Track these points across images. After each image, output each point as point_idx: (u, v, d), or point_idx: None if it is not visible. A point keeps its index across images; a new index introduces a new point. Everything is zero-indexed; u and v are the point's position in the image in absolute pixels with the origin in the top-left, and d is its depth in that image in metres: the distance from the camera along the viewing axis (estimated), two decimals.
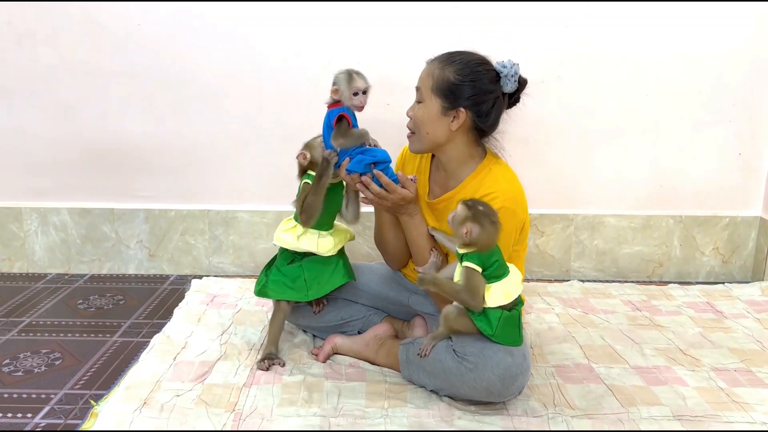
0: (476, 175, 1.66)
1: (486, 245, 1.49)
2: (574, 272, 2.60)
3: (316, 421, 1.49)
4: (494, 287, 1.50)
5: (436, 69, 1.62)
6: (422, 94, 1.64)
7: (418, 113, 1.65)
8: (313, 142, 1.76)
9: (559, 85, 2.42)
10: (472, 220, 1.47)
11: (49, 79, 2.43)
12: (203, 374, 1.70)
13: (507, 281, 1.52)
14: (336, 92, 1.65)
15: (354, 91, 1.64)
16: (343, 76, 1.65)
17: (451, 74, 1.60)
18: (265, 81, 2.43)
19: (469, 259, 1.49)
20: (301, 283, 1.76)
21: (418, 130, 1.66)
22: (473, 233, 1.46)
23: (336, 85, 1.65)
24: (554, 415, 1.54)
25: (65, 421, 1.53)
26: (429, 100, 1.62)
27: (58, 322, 2.11)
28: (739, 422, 1.51)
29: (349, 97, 1.65)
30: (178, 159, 2.51)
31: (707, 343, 1.96)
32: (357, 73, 1.66)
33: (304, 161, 1.74)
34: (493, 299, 1.49)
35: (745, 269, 2.60)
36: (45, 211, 2.54)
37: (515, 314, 1.54)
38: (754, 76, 2.45)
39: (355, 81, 1.64)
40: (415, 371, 1.64)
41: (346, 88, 1.64)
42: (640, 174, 2.54)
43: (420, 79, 1.66)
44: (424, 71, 1.66)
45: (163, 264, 2.59)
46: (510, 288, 1.51)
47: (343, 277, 1.81)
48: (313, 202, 1.69)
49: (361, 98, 1.65)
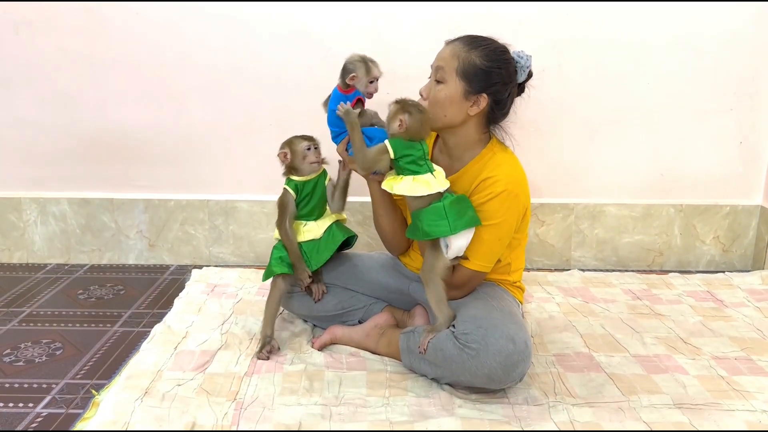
0: (480, 159, 1.67)
1: (416, 131, 1.59)
2: (575, 261, 2.60)
3: (318, 410, 1.49)
4: (406, 179, 1.58)
5: (461, 51, 1.60)
6: (444, 75, 1.62)
7: (438, 94, 1.63)
8: (297, 147, 1.78)
9: (559, 73, 2.41)
10: (402, 110, 1.58)
11: (48, 68, 2.41)
12: (204, 363, 1.70)
13: (420, 178, 1.58)
14: (353, 79, 1.68)
15: (371, 79, 1.70)
16: (361, 65, 1.68)
17: (477, 59, 1.59)
18: (265, 70, 2.41)
19: (391, 141, 1.59)
20: (303, 258, 1.81)
21: (434, 110, 1.64)
22: (406, 122, 1.58)
23: (353, 72, 1.67)
24: (555, 403, 1.54)
25: (67, 411, 1.54)
26: (452, 82, 1.61)
27: (59, 312, 2.11)
28: (739, 410, 1.51)
29: (366, 84, 1.70)
30: (178, 149, 2.50)
31: (707, 331, 1.96)
32: (372, 61, 1.71)
33: (285, 160, 1.79)
34: (399, 188, 1.58)
35: (745, 258, 2.60)
36: (44, 201, 2.54)
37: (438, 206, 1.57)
38: (756, 64, 2.44)
39: (372, 70, 1.70)
40: (415, 360, 1.64)
41: (364, 75, 1.68)
42: (641, 163, 2.53)
43: (441, 58, 1.63)
44: (445, 51, 1.64)
45: (163, 254, 2.59)
46: (419, 185, 1.57)
47: (341, 235, 1.84)
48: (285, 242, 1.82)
49: (375, 85, 1.72)
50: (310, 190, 1.81)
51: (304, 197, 1.81)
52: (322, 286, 1.87)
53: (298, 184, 1.80)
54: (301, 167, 1.80)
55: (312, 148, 1.79)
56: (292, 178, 1.81)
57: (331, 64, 2.36)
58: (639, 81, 2.44)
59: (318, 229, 1.84)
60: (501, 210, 1.59)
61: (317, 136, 1.83)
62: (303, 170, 1.80)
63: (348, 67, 1.69)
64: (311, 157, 1.79)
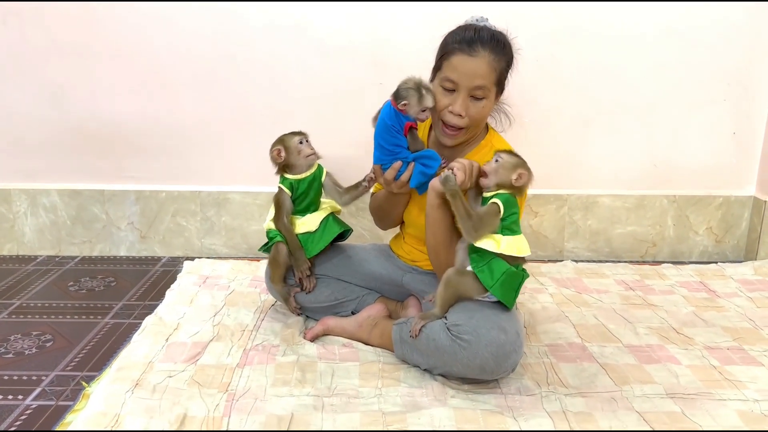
0: (480, 149, 1.69)
1: (522, 192, 1.57)
2: (568, 252, 2.60)
3: (310, 401, 1.49)
4: (507, 239, 1.52)
5: (494, 62, 1.59)
6: (485, 91, 1.60)
7: (484, 110, 1.63)
8: (290, 143, 1.77)
9: (553, 64, 2.40)
10: (523, 166, 1.54)
11: (37, 59, 2.39)
12: (196, 355, 1.69)
13: (519, 239, 1.54)
14: (405, 106, 1.61)
15: (423, 108, 1.63)
16: (414, 93, 1.61)
17: (505, 62, 1.61)
18: (257, 61, 2.39)
19: (500, 197, 1.52)
20: None
21: (477, 125, 1.65)
22: (525, 177, 1.53)
23: (405, 99, 1.61)
24: (547, 394, 1.54)
25: (57, 403, 1.52)
26: (491, 95, 1.62)
27: (49, 304, 2.10)
28: (731, 399, 1.52)
29: (417, 113, 1.63)
30: (169, 140, 2.48)
31: (700, 321, 1.96)
32: (427, 89, 1.62)
33: (279, 158, 1.77)
34: (505, 246, 1.51)
35: (738, 249, 2.61)
36: (34, 192, 2.51)
37: (519, 275, 1.55)
38: (749, 55, 2.43)
39: (425, 100, 1.61)
40: (408, 350, 1.63)
41: (416, 104, 1.62)
42: (635, 153, 2.53)
43: (477, 76, 1.58)
44: (480, 67, 1.58)
45: (155, 246, 2.58)
46: (521, 246, 1.53)
47: (337, 227, 1.84)
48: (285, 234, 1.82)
49: (427, 114, 1.65)
50: (305, 188, 1.80)
51: (300, 195, 1.80)
52: (313, 278, 1.87)
53: (293, 182, 1.79)
54: (297, 163, 1.78)
55: (304, 141, 1.78)
56: (287, 176, 1.80)
57: (325, 55, 2.37)
58: (632, 72, 2.43)
59: (313, 221, 1.83)
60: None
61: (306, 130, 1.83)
62: (300, 166, 1.79)
63: (401, 93, 1.62)
64: (306, 150, 1.78)
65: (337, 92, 2.37)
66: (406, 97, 1.61)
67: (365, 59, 2.33)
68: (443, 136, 1.67)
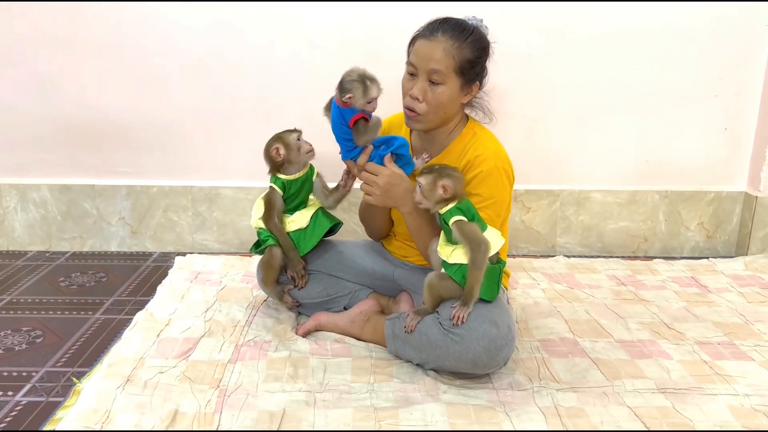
0: (461, 140, 1.68)
1: (461, 193, 1.54)
2: (560, 248, 2.60)
3: (302, 397, 1.48)
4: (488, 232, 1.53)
5: (453, 48, 1.57)
6: (442, 76, 1.58)
7: (441, 97, 1.60)
8: (289, 140, 1.75)
9: (546, 59, 2.40)
10: (439, 176, 1.52)
11: (26, 51, 2.37)
12: (187, 351, 1.69)
13: (488, 232, 1.54)
14: (350, 99, 1.58)
15: (369, 100, 1.60)
16: (359, 87, 1.57)
17: (469, 51, 1.59)
18: (248, 54, 2.38)
19: (453, 213, 1.51)
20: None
21: (435, 112, 1.62)
22: (450, 187, 1.51)
23: (350, 93, 1.57)
24: (539, 389, 1.54)
25: (47, 399, 1.51)
26: (450, 81, 1.59)
27: (40, 299, 2.08)
28: (722, 394, 1.52)
29: (363, 105, 1.60)
30: (160, 134, 2.46)
31: (691, 317, 1.97)
32: (371, 79, 1.59)
33: (279, 156, 1.74)
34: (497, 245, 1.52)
35: (729, 244, 2.61)
36: (24, 187, 2.49)
37: (495, 268, 1.55)
38: (741, 51, 2.44)
39: (370, 91, 1.58)
40: (401, 345, 1.63)
41: (361, 97, 1.59)
42: (627, 149, 2.53)
43: (434, 59, 1.57)
44: (436, 50, 1.57)
45: (146, 241, 2.56)
46: (493, 240, 1.53)
47: (327, 222, 1.84)
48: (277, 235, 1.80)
49: (374, 104, 1.63)
50: (297, 188, 1.79)
51: (291, 195, 1.79)
52: (306, 276, 1.86)
53: (285, 182, 1.78)
54: (296, 160, 1.77)
55: (301, 138, 1.77)
56: (279, 176, 1.78)
57: (317, 48, 2.36)
58: (625, 67, 2.44)
59: (303, 218, 1.82)
60: (495, 187, 1.61)
61: (299, 126, 1.81)
62: (298, 163, 1.77)
63: (345, 87, 1.58)
64: (305, 146, 1.76)
65: (329, 87, 2.35)
66: (350, 90, 1.58)
67: (358, 54, 2.31)
68: (407, 120, 1.67)
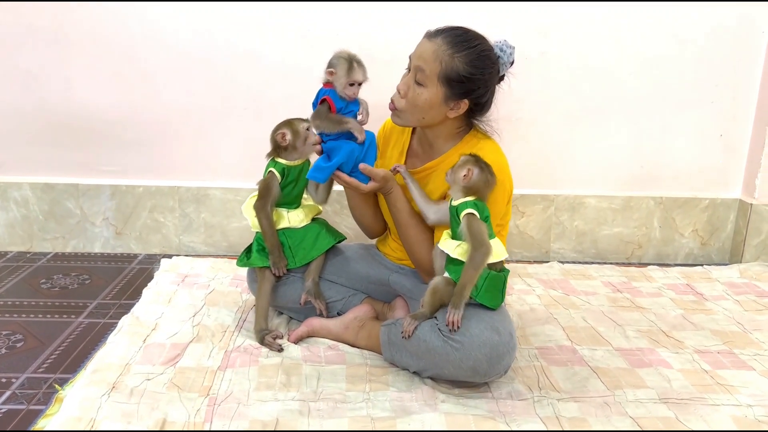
0: (461, 148, 1.63)
1: (482, 193, 1.50)
2: (554, 253, 2.57)
3: (295, 406, 1.43)
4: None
5: (444, 54, 1.52)
6: (425, 78, 1.53)
7: (418, 98, 1.55)
8: (298, 127, 1.70)
9: (541, 62, 2.37)
10: (474, 163, 1.49)
11: (9, 45, 2.30)
12: (175, 357, 1.63)
13: (494, 241, 1.50)
14: (331, 75, 1.55)
15: (351, 82, 1.56)
16: (344, 64, 1.55)
17: (461, 65, 1.52)
18: (239, 51, 2.33)
19: (467, 206, 1.48)
20: (286, 251, 1.74)
21: (411, 112, 1.58)
22: (473, 174, 1.48)
23: (333, 68, 1.54)
24: (540, 398, 1.50)
25: (28, 407, 1.45)
26: (432, 87, 1.54)
27: (20, 302, 2.01)
28: (725, 404, 1.50)
29: (344, 85, 1.57)
30: (147, 132, 2.40)
31: (689, 324, 1.94)
32: (359, 62, 1.57)
33: (284, 141, 1.69)
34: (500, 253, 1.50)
35: (723, 252, 2.60)
36: (5, 185, 2.42)
37: (500, 276, 1.52)
38: (737, 57, 2.43)
39: (354, 72, 1.56)
40: (397, 352, 1.59)
41: (343, 75, 1.55)
42: (622, 155, 2.51)
43: (422, 58, 1.54)
44: (427, 50, 1.53)
45: (131, 242, 2.50)
46: (497, 250, 1.49)
47: (331, 239, 1.79)
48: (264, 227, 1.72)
49: (355, 89, 1.58)
50: (295, 176, 1.73)
51: (289, 183, 1.73)
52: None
53: (285, 168, 1.72)
54: (301, 149, 1.71)
55: (311, 128, 1.71)
56: (279, 161, 1.72)
57: (310, 46, 2.31)
58: (620, 72, 2.42)
59: (296, 218, 1.77)
60: (490, 199, 1.55)
61: None
62: (301, 153, 1.72)
63: (331, 62, 1.56)
64: (313, 138, 1.70)
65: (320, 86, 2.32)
66: (335, 65, 1.55)
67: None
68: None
